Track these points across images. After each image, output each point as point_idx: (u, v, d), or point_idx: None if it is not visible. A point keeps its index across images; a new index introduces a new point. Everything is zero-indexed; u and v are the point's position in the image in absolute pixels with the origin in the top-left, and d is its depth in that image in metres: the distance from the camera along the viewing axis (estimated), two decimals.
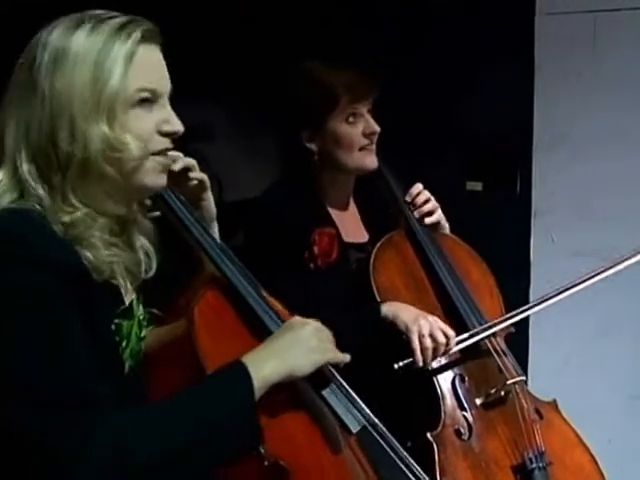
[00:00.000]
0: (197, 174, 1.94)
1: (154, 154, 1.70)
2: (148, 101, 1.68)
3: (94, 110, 1.63)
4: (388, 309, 2.52)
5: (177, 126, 1.72)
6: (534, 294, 3.74)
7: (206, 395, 1.65)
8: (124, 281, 1.75)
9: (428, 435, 2.47)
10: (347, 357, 1.86)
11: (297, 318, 1.83)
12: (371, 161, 2.70)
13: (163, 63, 1.73)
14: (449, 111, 3.85)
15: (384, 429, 1.91)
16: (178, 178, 1.88)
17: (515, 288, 2.97)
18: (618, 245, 3.46)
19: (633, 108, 3.78)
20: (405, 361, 2.47)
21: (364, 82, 2.67)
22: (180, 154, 1.86)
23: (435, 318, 2.53)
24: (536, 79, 3.87)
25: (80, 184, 1.65)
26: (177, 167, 1.86)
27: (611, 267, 2.68)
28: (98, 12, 1.69)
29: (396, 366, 2.46)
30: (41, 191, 1.63)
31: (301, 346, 1.75)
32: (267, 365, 1.69)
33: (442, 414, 2.52)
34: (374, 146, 2.69)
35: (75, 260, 1.60)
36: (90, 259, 1.63)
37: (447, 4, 3.82)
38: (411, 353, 2.47)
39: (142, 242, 1.80)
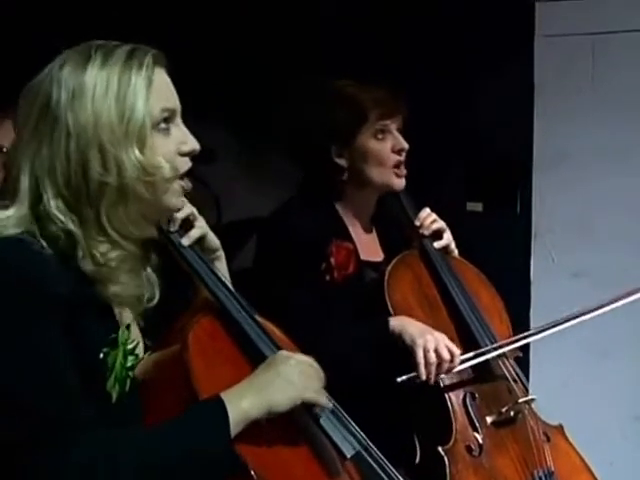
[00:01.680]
0: (184, 212, 1.90)
1: (179, 177, 1.76)
2: (167, 122, 1.74)
3: (124, 138, 1.68)
4: (396, 323, 2.56)
5: (194, 144, 1.77)
6: (534, 315, 3.76)
7: (183, 427, 1.67)
8: (122, 308, 1.77)
9: (439, 449, 2.50)
10: (326, 401, 1.83)
11: (282, 352, 1.82)
12: (399, 182, 2.75)
13: (172, 85, 1.79)
14: (449, 131, 3.88)
15: (379, 454, 1.90)
16: None
17: (515, 308, 2.95)
18: (619, 266, 3.48)
19: (633, 126, 3.81)
20: (408, 375, 2.50)
21: (392, 99, 2.74)
22: None
23: (442, 335, 2.56)
24: (536, 99, 3.90)
25: (113, 213, 1.69)
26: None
27: (626, 296, 2.70)
28: (99, 43, 1.74)
29: (399, 380, 2.48)
30: (71, 225, 1.67)
31: (280, 382, 1.75)
32: (245, 400, 1.71)
33: (453, 430, 2.55)
34: (404, 169, 2.75)
35: (68, 287, 1.63)
36: (118, 292, 1.69)
37: (447, 24, 3.86)
38: (415, 367, 2.50)
39: (147, 272, 1.83)
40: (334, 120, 2.70)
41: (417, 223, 2.81)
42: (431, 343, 2.50)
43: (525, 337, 2.70)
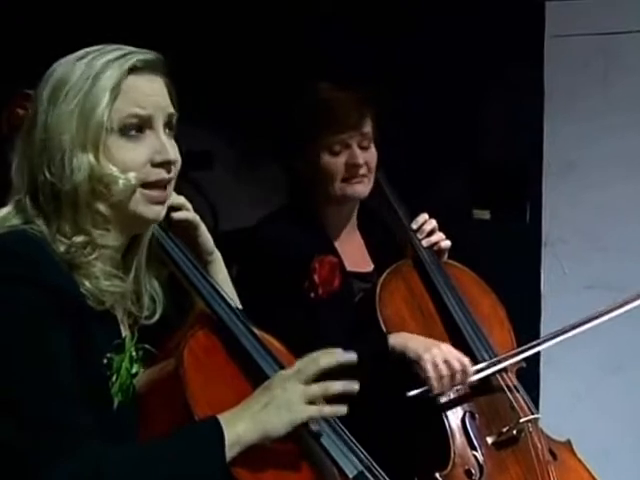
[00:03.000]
0: (184, 215, 1.96)
1: (146, 186, 1.75)
2: (138, 131, 1.74)
3: (82, 140, 1.70)
4: (396, 340, 2.55)
5: (168, 155, 1.76)
6: (545, 328, 3.70)
7: (177, 449, 1.67)
8: (124, 315, 1.81)
9: (437, 475, 2.48)
10: (330, 411, 1.83)
11: (281, 373, 1.81)
12: (359, 190, 2.70)
13: (159, 92, 1.78)
14: (455, 136, 3.85)
15: (382, 474, 1.90)
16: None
17: (525, 322, 2.99)
18: (634, 277, 3.48)
19: None
20: (419, 389, 2.49)
21: (348, 113, 2.66)
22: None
23: (448, 345, 2.56)
24: (546, 102, 3.89)
25: (72, 215, 1.72)
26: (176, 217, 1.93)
27: (628, 302, 2.70)
28: (106, 46, 1.77)
29: (410, 394, 2.47)
30: (40, 222, 1.71)
31: (275, 407, 1.74)
32: (240, 425, 1.71)
33: (452, 453, 2.53)
34: (362, 177, 2.69)
35: (71, 285, 1.67)
36: (89, 288, 1.70)
37: (456, 27, 3.85)
38: (426, 382, 2.49)
39: (153, 285, 1.86)
40: (295, 129, 2.70)
41: (414, 226, 2.79)
42: (439, 356, 2.49)
43: (532, 347, 2.68)
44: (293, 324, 2.37)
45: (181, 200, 1.96)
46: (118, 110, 1.72)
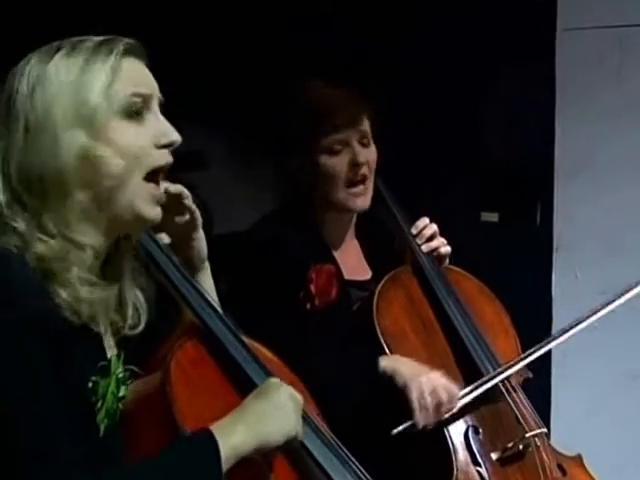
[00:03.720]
0: (190, 204, 1.93)
1: (148, 178, 1.71)
2: (140, 109, 1.72)
3: (73, 120, 1.67)
4: (387, 364, 2.52)
5: (174, 136, 1.74)
6: None
7: (171, 466, 1.65)
8: (108, 333, 1.77)
9: None
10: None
11: (273, 380, 1.80)
12: (360, 202, 2.68)
13: (150, 76, 1.77)
14: (462, 135, 3.85)
15: None
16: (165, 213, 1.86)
17: (535, 331, 2.95)
18: None
19: None
20: (403, 425, 2.46)
21: (348, 109, 2.66)
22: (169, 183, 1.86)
23: (437, 374, 2.52)
24: (557, 100, 3.87)
25: (57, 208, 1.68)
26: (173, 189, 1.86)
27: (628, 291, 2.70)
28: (74, 38, 1.75)
29: (394, 431, 2.45)
30: (20, 220, 1.66)
31: (273, 415, 1.74)
32: (236, 436, 1.69)
33: (454, 470, 2.51)
34: (365, 186, 2.67)
35: (49, 306, 1.62)
36: (65, 298, 1.64)
37: (463, 21, 3.84)
38: (410, 414, 2.47)
39: (136, 295, 1.82)
40: (288, 128, 2.68)
41: (414, 231, 2.77)
42: (426, 385, 2.47)
43: (529, 355, 2.66)
44: (286, 336, 2.35)
45: (179, 188, 1.91)
46: (119, 91, 1.70)
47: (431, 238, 2.78)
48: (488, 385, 2.57)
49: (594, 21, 3.83)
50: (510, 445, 2.57)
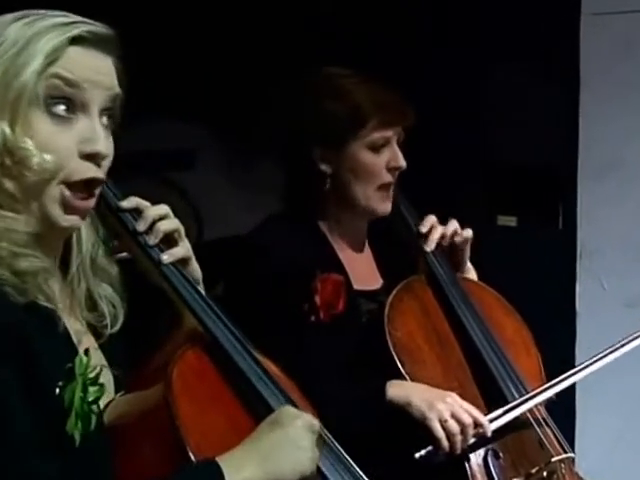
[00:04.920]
0: (168, 225, 1.86)
1: (71, 186, 1.67)
2: (68, 110, 1.67)
3: (1, 106, 1.64)
4: (397, 393, 2.49)
5: (97, 145, 1.67)
6: (581, 351, 3.71)
7: None
8: (82, 333, 1.75)
9: None
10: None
11: (288, 409, 1.77)
12: (384, 207, 2.69)
13: (104, 71, 1.72)
14: (478, 134, 3.87)
15: None
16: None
17: (558, 344, 2.98)
18: None
19: None
20: (427, 449, 2.44)
21: (399, 103, 2.66)
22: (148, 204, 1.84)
23: (454, 396, 2.50)
24: (581, 93, 3.88)
25: None
26: (169, 226, 1.85)
27: None
28: (53, 11, 1.71)
29: (417, 455, 2.43)
30: None
31: (288, 451, 1.72)
32: (246, 469, 1.67)
33: None
34: (392, 192, 2.68)
35: (7, 309, 1.59)
36: (8, 277, 1.61)
37: (478, 6, 3.84)
38: (435, 442, 2.44)
39: (105, 291, 1.80)
40: (323, 115, 2.63)
41: (423, 230, 2.72)
42: (445, 412, 2.45)
43: (564, 379, 2.63)
44: (286, 353, 2.25)
45: (163, 210, 1.86)
46: (48, 78, 1.65)
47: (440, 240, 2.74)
48: (519, 410, 2.55)
49: (622, 5, 3.82)
50: (534, 471, 2.53)
